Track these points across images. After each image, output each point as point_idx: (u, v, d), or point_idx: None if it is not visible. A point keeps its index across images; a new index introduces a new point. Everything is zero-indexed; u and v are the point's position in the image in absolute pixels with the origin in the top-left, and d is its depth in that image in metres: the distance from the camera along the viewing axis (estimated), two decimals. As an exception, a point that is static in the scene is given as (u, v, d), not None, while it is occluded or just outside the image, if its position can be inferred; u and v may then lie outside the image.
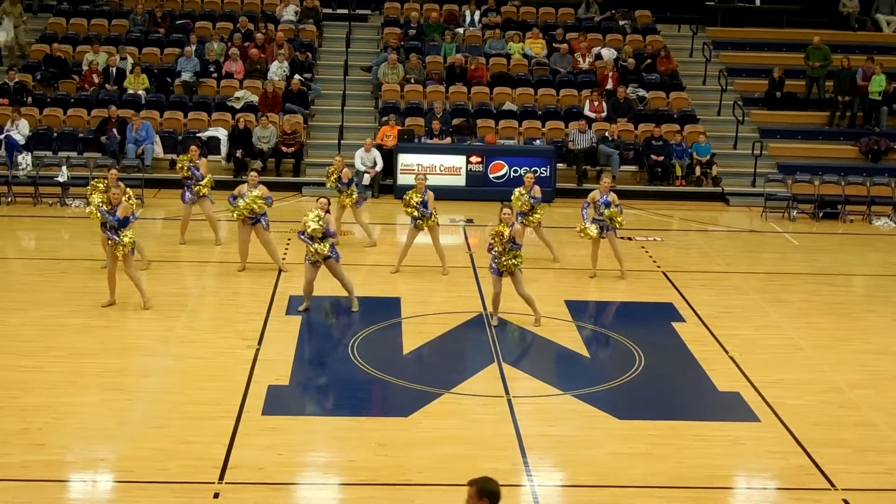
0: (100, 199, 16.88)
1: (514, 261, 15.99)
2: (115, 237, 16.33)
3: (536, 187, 19.42)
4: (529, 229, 19.12)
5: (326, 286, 17.03)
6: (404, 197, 18.79)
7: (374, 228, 21.53)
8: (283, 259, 19.24)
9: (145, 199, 23.89)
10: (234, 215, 18.48)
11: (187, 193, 20.09)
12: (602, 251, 19.11)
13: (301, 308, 16.90)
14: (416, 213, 18.56)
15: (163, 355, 15.05)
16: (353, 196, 20.52)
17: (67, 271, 18.83)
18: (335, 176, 20.40)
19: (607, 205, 18.81)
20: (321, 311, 17.12)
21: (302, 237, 16.50)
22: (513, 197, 19.20)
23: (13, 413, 12.91)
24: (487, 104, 28.26)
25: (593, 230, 18.82)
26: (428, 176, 20.14)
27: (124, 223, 16.40)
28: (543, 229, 19.77)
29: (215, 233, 20.51)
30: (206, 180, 19.84)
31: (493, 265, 16.26)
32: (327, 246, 16.38)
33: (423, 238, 18.97)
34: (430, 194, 18.79)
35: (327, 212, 16.53)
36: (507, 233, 15.85)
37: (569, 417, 13.42)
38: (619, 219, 18.74)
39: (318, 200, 16.76)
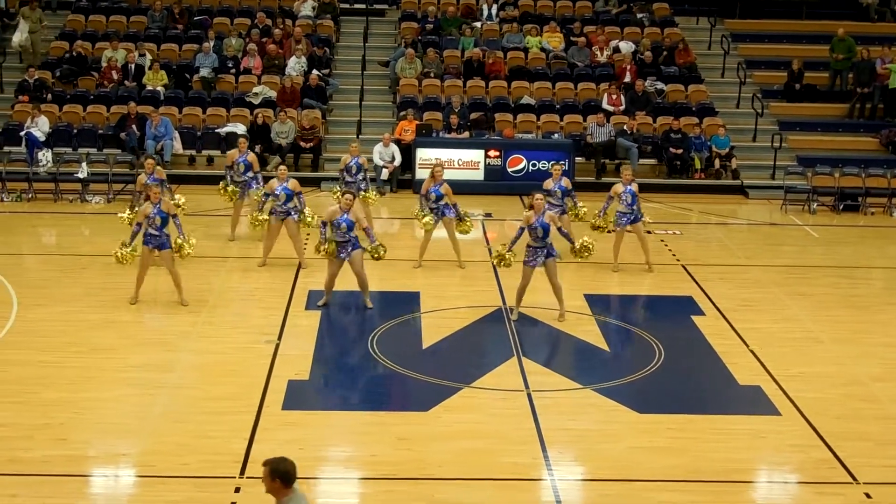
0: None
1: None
2: (160, 234, 16.45)
3: (566, 178, 19.48)
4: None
5: (346, 281, 17.03)
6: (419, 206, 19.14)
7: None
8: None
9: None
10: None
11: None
12: (624, 245, 19.08)
13: (321, 303, 16.94)
14: (427, 216, 18.73)
15: (183, 350, 15.10)
16: (372, 193, 20.67)
17: (87, 267, 18.90)
18: (342, 167, 20.80)
19: (633, 195, 18.77)
20: (340, 306, 17.13)
21: (323, 231, 16.52)
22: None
23: (35, 408, 12.97)
24: (505, 98, 28.23)
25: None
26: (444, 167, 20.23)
27: (166, 220, 16.47)
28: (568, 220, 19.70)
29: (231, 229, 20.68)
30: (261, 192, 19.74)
31: (533, 258, 16.25)
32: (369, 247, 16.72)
33: (444, 232, 18.97)
34: (447, 187, 18.82)
35: (348, 209, 16.54)
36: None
37: (588, 411, 13.41)
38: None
39: (343, 196, 16.90)
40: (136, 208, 18.15)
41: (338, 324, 16.67)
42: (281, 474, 7.81)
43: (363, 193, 20.42)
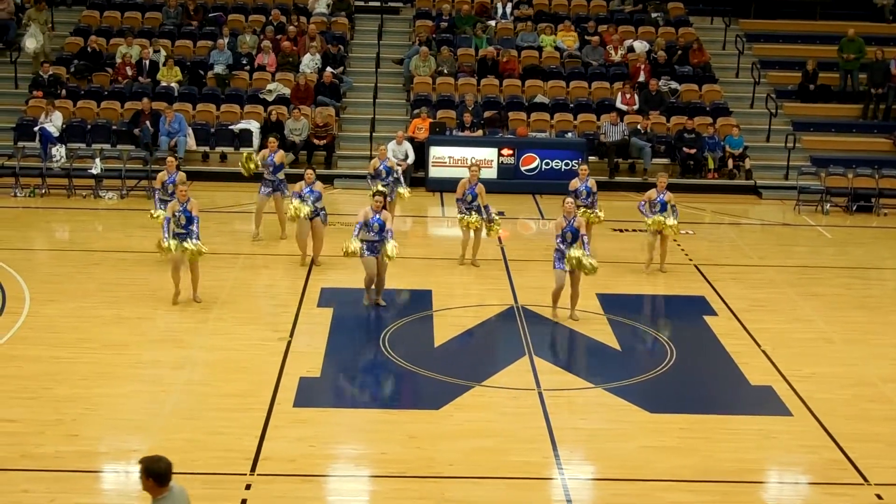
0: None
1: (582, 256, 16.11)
2: (188, 233, 16.41)
3: (591, 179, 19.51)
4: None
5: (359, 279, 17.05)
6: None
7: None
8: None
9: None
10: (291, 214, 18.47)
11: (263, 188, 20.32)
12: (636, 243, 19.07)
13: (366, 303, 16.98)
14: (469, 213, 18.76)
15: (195, 347, 15.13)
16: (405, 191, 20.76)
17: (100, 263, 18.94)
18: (371, 171, 20.74)
19: (663, 204, 18.67)
20: (353, 304, 17.14)
21: (357, 232, 16.55)
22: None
23: (47, 404, 13.01)
24: (519, 97, 28.23)
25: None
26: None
27: (191, 219, 16.45)
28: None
29: (282, 227, 20.55)
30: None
31: (563, 261, 16.26)
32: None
33: (457, 230, 18.97)
34: (481, 187, 18.85)
35: (384, 208, 16.69)
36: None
37: (599, 411, 13.41)
38: (670, 224, 18.61)
39: (373, 196, 16.93)
40: (161, 208, 18.18)
41: (350, 321, 16.66)
42: (154, 474, 7.83)
43: (399, 190, 20.55)
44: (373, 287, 16.96)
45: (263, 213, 20.47)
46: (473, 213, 18.82)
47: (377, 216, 16.48)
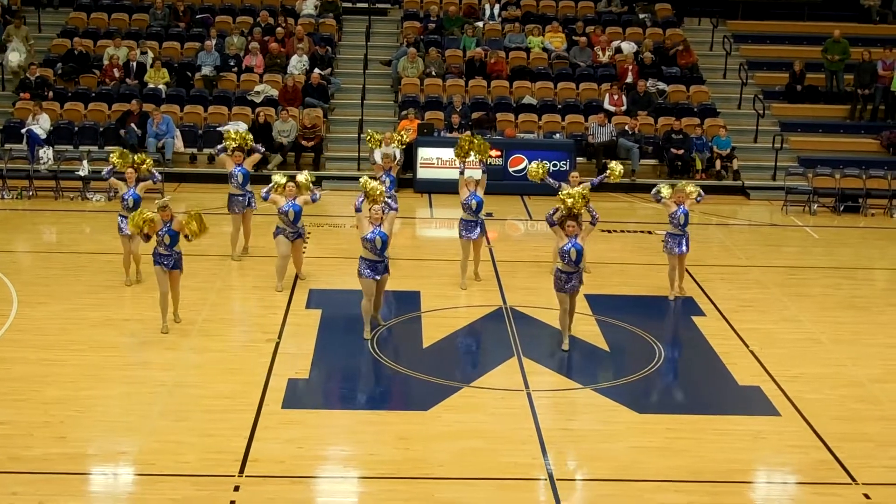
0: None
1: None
2: (171, 252, 15.62)
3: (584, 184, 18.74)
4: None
5: (348, 281, 17.03)
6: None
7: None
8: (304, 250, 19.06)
9: (165, 194, 23.89)
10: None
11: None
12: (630, 245, 19.04)
13: (366, 336, 15.65)
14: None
15: (184, 349, 15.11)
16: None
17: (88, 265, 18.90)
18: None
19: (686, 216, 17.83)
20: (341, 305, 17.12)
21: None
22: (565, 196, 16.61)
23: (35, 406, 12.99)
24: (507, 98, 28.24)
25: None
26: (473, 175, 19.19)
27: (176, 239, 15.67)
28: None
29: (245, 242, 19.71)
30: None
31: (566, 283, 15.31)
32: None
33: (445, 231, 18.95)
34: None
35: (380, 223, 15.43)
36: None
37: (588, 411, 13.43)
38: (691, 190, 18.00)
39: (371, 210, 15.45)
40: (122, 226, 17.36)
41: (338, 322, 16.65)
42: None
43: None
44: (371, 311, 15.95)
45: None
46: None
47: (378, 228, 15.26)
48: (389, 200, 16.18)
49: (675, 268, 17.97)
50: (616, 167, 18.38)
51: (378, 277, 15.54)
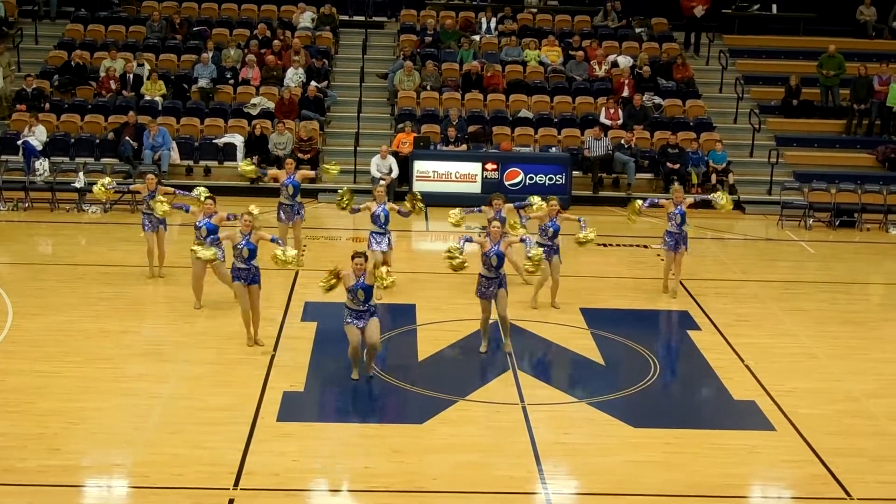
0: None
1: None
2: (248, 266, 15.41)
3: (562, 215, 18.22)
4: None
5: (339, 294, 16.98)
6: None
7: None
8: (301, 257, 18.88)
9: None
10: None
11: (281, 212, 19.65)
12: (624, 259, 19.06)
13: (355, 377, 14.58)
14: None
15: (179, 361, 15.09)
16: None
17: (84, 277, 18.90)
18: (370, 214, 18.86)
19: (683, 216, 18.29)
20: (336, 318, 17.08)
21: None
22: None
23: (30, 418, 12.97)
24: (503, 111, 28.27)
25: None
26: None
27: (254, 252, 15.48)
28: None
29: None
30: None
31: (486, 289, 15.45)
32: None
33: (441, 244, 18.93)
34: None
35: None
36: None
37: (584, 425, 13.42)
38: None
39: (353, 259, 14.41)
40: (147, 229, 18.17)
41: (333, 335, 16.61)
42: None
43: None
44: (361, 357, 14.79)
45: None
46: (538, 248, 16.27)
47: (361, 280, 14.27)
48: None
49: (671, 266, 18.46)
50: (725, 202, 19.47)
51: (362, 325, 14.39)
